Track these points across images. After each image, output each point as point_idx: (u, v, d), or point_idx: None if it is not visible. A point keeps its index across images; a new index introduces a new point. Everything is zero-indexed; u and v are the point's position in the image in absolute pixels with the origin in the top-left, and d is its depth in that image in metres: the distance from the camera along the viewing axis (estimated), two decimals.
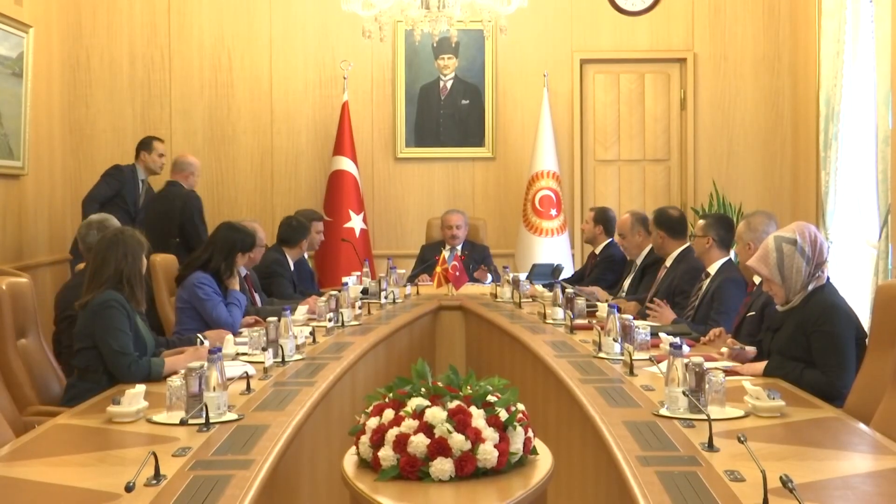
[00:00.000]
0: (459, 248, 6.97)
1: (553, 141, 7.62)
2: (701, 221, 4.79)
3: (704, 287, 4.65)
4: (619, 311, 3.90)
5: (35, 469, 2.41)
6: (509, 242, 7.80)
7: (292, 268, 6.02)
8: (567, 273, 6.99)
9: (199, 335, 4.02)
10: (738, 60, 7.84)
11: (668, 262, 5.11)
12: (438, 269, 6.06)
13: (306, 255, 6.49)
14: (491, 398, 2.39)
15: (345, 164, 7.57)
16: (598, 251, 6.28)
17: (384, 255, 7.49)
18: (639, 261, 5.55)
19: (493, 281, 6.48)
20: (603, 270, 6.13)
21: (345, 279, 5.83)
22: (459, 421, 2.27)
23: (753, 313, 3.99)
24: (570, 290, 4.89)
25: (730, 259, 4.65)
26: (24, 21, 6.63)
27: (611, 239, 6.13)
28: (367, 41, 6.19)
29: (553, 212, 7.52)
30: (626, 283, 5.61)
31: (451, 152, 7.93)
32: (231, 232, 4.79)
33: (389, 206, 7.96)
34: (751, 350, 3.59)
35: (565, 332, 4.58)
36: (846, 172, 6.87)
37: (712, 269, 4.66)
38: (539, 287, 5.93)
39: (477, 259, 6.99)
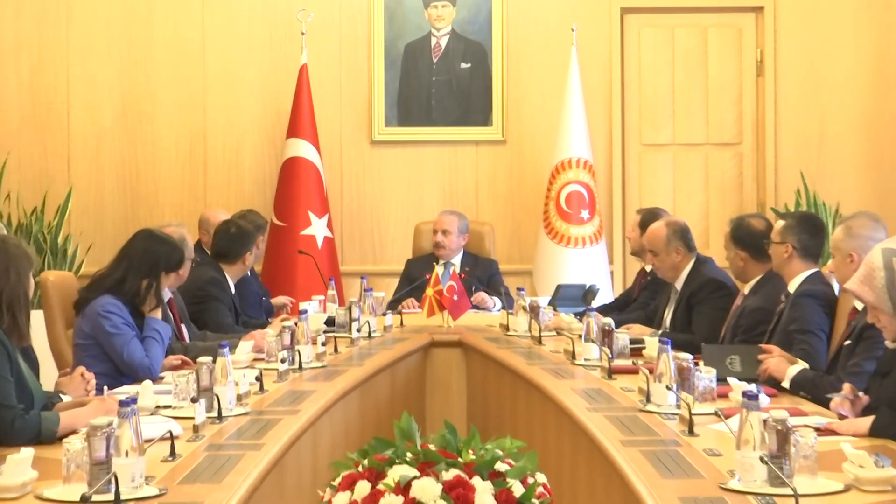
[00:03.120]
0: (458, 262, 6.97)
1: (584, 119, 7.63)
2: (780, 223, 4.81)
3: (782, 310, 4.67)
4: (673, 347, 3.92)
5: None
6: (525, 255, 7.81)
7: (233, 290, 6.02)
8: (605, 296, 6.98)
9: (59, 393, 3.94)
10: (834, 9, 7.87)
11: (747, 289, 5.12)
12: (430, 291, 6.06)
13: (251, 273, 6.49)
14: (501, 466, 2.40)
15: (303, 149, 7.56)
16: (649, 268, 6.29)
17: (356, 273, 7.48)
18: (679, 285, 5.56)
19: (503, 308, 6.47)
20: (654, 293, 6.16)
21: (303, 305, 5.82)
22: (458, 497, 2.28)
23: (850, 342, 4.04)
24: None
25: (817, 272, 4.68)
26: None
27: None
28: None
29: (585, 214, 7.52)
30: (668, 314, 5.63)
31: (447, 133, 7.93)
32: (153, 244, 4.78)
33: (363, 207, 7.96)
34: (864, 399, 3.61)
35: (602, 377, 4.59)
36: None
37: (792, 285, 4.68)
38: (566, 316, 5.94)
39: (482, 278, 6.99)
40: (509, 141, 7.96)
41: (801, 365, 4.20)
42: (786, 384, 4.15)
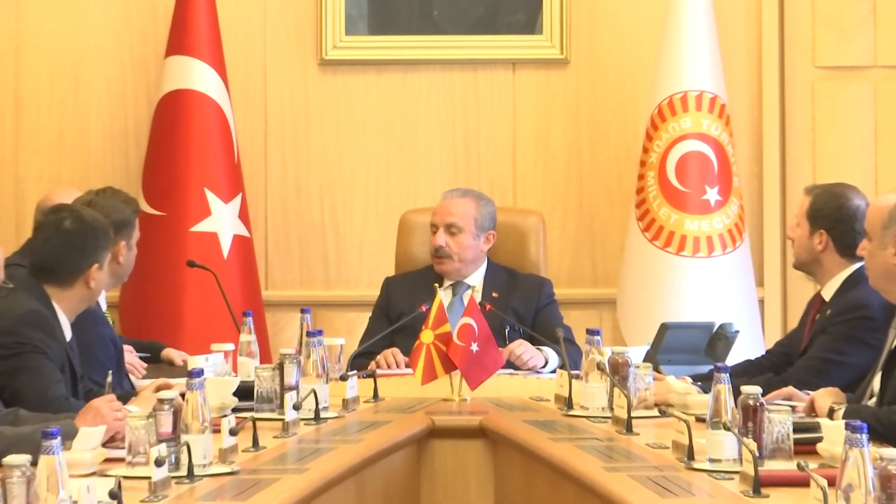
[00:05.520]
0: (478, 283, 6.96)
1: (712, 26, 7.67)
2: None
3: None
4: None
5: None
6: (602, 271, 7.92)
7: (68, 335, 5.97)
8: (750, 345, 6.92)
9: None
10: None
11: None
12: (428, 336, 6.05)
13: (103, 303, 6.56)
14: None
15: (196, 76, 7.65)
16: (826, 293, 6.23)
17: (292, 303, 7.56)
18: None
19: (561, 366, 6.41)
20: (838, 340, 6.10)
21: (195, 361, 5.86)
22: None
23: None
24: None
25: None
26: None
27: (859, 262, 6.01)
28: None
29: (712, 194, 7.53)
30: (877, 378, 5.64)
31: (460, 47, 7.97)
32: None
33: (306, 182, 8.00)
34: None
35: (743, 492, 4.54)
36: None
37: None
38: (677, 381, 5.91)
39: (522, 312, 6.98)
40: (574, 61, 7.99)
41: None
42: None
